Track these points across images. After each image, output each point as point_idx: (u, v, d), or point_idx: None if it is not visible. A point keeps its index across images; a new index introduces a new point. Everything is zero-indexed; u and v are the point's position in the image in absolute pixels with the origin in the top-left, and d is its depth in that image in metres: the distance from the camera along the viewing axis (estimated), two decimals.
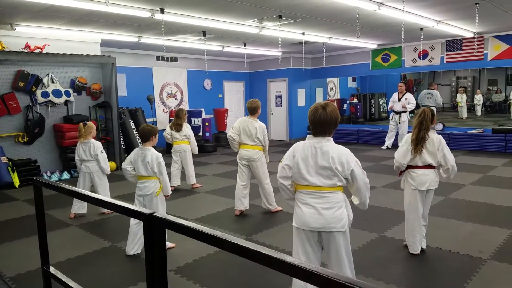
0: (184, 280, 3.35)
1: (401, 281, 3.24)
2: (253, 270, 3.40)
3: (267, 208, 5.26)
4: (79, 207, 5.25)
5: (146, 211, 1.39)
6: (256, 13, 6.63)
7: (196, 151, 6.80)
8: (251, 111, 5.13)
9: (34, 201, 2.16)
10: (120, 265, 3.74)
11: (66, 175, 7.96)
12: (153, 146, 4.09)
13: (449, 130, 10.37)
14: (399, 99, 10.25)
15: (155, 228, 1.35)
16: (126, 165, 3.97)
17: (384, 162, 8.67)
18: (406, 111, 10.16)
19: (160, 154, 3.93)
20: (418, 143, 3.55)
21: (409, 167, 3.67)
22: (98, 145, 5.14)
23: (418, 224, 3.69)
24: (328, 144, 2.49)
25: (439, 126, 10.69)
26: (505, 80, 16.19)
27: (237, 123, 5.18)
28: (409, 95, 10.23)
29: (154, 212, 1.37)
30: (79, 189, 1.89)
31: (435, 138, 3.59)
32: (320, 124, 2.48)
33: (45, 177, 7.75)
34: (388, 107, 10.76)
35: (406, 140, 3.66)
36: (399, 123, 10.22)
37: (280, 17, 6.92)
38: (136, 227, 3.88)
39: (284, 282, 3.15)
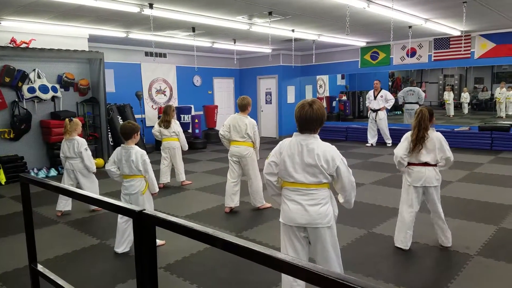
0: (174, 277, 3.34)
1: (390, 277, 3.27)
2: (244, 266, 3.40)
3: (254, 205, 5.27)
4: (64, 204, 5.19)
5: (136, 208, 1.38)
6: (246, 9, 6.61)
7: (186, 147, 6.77)
8: (241, 107, 5.14)
9: (21, 198, 2.13)
10: (109, 262, 3.71)
11: (53, 172, 7.86)
12: (142, 143, 4.05)
13: (437, 128, 10.43)
14: (375, 97, 10.23)
15: (144, 225, 1.34)
16: (109, 166, 3.89)
17: (373, 159, 8.74)
18: (383, 109, 10.12)
19: (144, 152, 3.90)
20: (418, 142, 3.62)
21: (408, 164, 3.75)
22: (82, 142, 5.05)
23: (411, 220, 3.76)
24: (314, 141, 2.51)
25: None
26: (491, 78, 16.46)
27: (228, 120, 5.21)
28: (384, 92, 10.23)
29: (144, 209, 1.36)
30: (66, 186, 1.86)
31: (435, 137, 3.66)
32: (306, 121, 2.50)
33: (32, 173, 7.64)
34: (366, 105, 10.75)
35: (406, 137, 3.74)
36: (376, 121, 10.18)
37: (270, 13, 6.91)
38: (124, 225, 3.85)
39: (275, 278, 3.17)
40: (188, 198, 6.00)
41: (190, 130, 11.57)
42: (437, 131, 3.77)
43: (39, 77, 7.81)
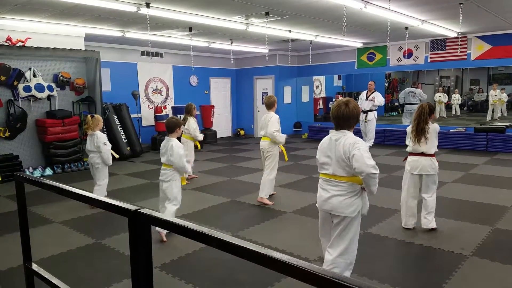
0: (170, 277, 3.33)
1: (385, 277, 3.28)
2: (240, 266, 3.40)
3: (259, 195, 5.52)
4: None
5: (131, 207, 1.38)
6: (243, 9, 6.61)
7: (198, 137, 6.91)
8: (268, 106, 5.59)
9: (16, 197, 2.11)
10: (104, 262, 3.70)
11: (49, 171, 7.82)
12: (138, 143, 4.08)
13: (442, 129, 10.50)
14: (367, 98, 10.07)
15: (140, 224, 1.33)
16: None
17: None
18: (373, 110, 9.95)
19: (181, 145, 4.23)
20: (419, 133, 4.02)
21: (409, 154, 4.24)
22: (101, 137, 5.34)
23: (409, 203, 4.24)
24: (343, 136, 2.75)
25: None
26: (487, 80, 16.53)
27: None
28: (376, 94, 10.06)
29: (139, 209, 1.36)
30: (61, 185, 1.85)
31: (431, 128, 4.07)
32: (343, 118, 2.76)
33: (27, 173, 7.61)
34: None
35: (408, 130, 4.25)
36: (366, 121, 10.02)
37: (267, 14, 6.91)
38: (162, 209, 4.20)
39: (271, 278, 3.17)
40: (184, 198, 5.98)
41: None
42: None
43: (35, 76, 7.78)
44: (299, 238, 4.20)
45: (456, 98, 15.74)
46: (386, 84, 16.80)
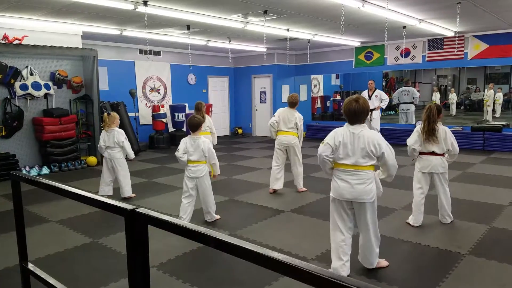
0: (167, 276, 3.32)
1: (382, 276, 3.29)
2: (238, 266, 3.40)
3: (296, 187, 6.03)
4: (107, 190, 5.72)
5: (128, 206, 1.37)
6: (241, 7, 6.59)
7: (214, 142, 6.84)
8: (291, 104, 5.89)
9: (12, 196, 2.10)
10: (101, 261, 3.69)
11: (45, 170, 7.79)
12: (136, 142, 4.10)
13: None
14: (370, 97, 10.16)
15: (137, 223, 1.33)
16: (180, 154, 4.46)
17: None
18: (377, 109, 10.04)
19: (210, 141, 4.56)
20: (430, 133, 4.19)
21: (419, 153, 4.34)
22: (122, 133, 5.60)
23: (420, 200, 4.36)
24: (363, 130, 3.04)
25: (419, 123, 10.87)
26: (484, 79, 16.55)
27: (277, 113, 5.96)
28: (379, 92, 10.11)
29: (135, 208, 1.35)
30: (58, 184, 1.84)
31: (441, 130, 4.23)
32: (354, 114, 3.03)
33: (24, 171, 7.58)
34: None
35: (416, 129, 4.33)
36: (370, 120, 10.12)
37: (265, 12, 6.90)
38: (186, 205, 4.51)
39: (269, 277, 3.17)
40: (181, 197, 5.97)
41: (184, 129, 11.53)
42: None
43: (31, 74, 7.74)
44: (297, 237, 4.20)
45: (452, 97, 15.74)
46: (384, 83, 16.81)
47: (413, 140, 4.30)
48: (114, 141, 5.53)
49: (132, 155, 5.73)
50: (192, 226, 1.19)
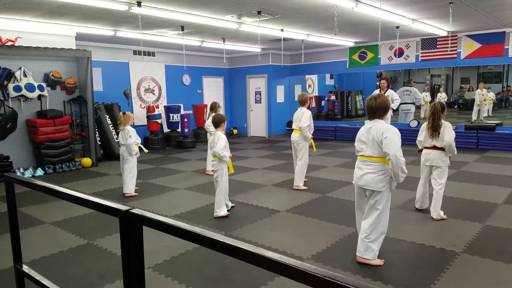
0: (162, 277, 3.32)
1: (378, 274, 3.30)
2: (233, 266, 3.40)
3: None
4: (130, 188, 5.97)
5: (122, 207, 1.37)
6: (235, 8, 6.60)
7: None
8: (301, 102, 6.25)
9: (6, 198, 2.09)
10: (96, 263, 3.67)
11: (40, 172, 7.74)
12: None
13: None
14: None
15: (131, 224, 1.33)
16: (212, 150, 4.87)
17: None
18: (389, 109, 9.98)
19: (224, 138, 4.79)
20: (434, 129, 4.50)
21: (424, 147, 4.70)
22: (130, 131, 5.90)
23: (423, 190, 4.85)
24: (376, 123, 3.36)
25: (414, 123, 10.96)
26: (477, 78, 16.66)
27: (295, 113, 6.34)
28: (391, 92, 10.03)
29: (130, 209, 1.35)
30: (52, 185, 1.83)
31: (442, 125, 4.51)
32: (372, 110, 3.38)
33: (18, 173, 7.53)
34: None
35: (422, 127, 4.71)
36: None
37: (259, 13, 6.91)
38: (219, 194, 4.83)
39: (264, 277, 3.17)
40: (176, 198, 5.97)
41: (179, 129, 11.51)
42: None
43: (25, 75, 7.69)
44: (292, 237, 4.21)
45: (442, 97, 15.67)
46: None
47: (421, 135, 4.72)
48: (126, 138, 5.86)
49: (132, 152, 5.90)
50: (187, 227, 1.19)
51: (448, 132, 4.44)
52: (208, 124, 7.02)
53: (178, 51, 11.59)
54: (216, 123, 4.88)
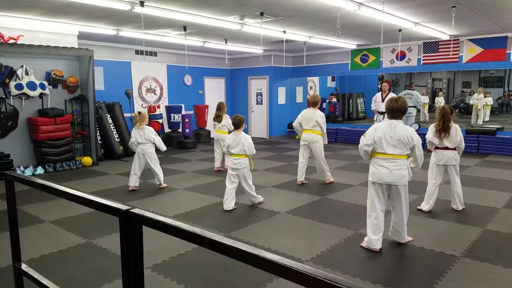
0: (161, 277, 3.31)
1: (377, 277, 3.30)
2: (232, 267, 3.39)
3: (323, 180, 6.64)
4: (136, 181, 6.29)
5: (122, 207, 1.36)
6: (237, 9, 6.60)
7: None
8: (313, 103, 6.45)
9: (6, 196, 2.09)
10: (95, 262, 3.67)
11: (40, 170, 7.75)
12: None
13: (424, 131, 10.58)
14: (383, 99, 10.13)
15: (131, 224, 1.32)
16: (226, 149, 5.28)
17: (362, 161, 8.79)
18: None
19: (250, 137, 5.18)
20: (444, 131, 4.76)
21: (435, 147, 4.92)
22: (152, 130, 6.23)
23: (433, 190, 4.96)
24: (399, 124, 3.70)
25: (415, 126, 10.93)
26: (478, 82, 16.65)
27: (301, 114, 6.61)
28: (392, 95, 10.04)
29: (130, 209, 1.35)
30: (52, 184, 1.83)
31: (453, 127, 4.80)
32: (394, 111, 3.71)
33: (18, 171, 7.53)
34: (372, 108, 10.61)
35: (431, 127, 4.91)
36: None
37: (261, 14, 6.91)
38: (231, 190, 5.16)
39: (263, 278, 3.16)
40: (177, 198, 5.97)
41: (180, 130, 11.51)
42: (425, 133, 4.29)
43: (27, 73, 7.70)
44: (292, 239, 4.21)
45: (439, 100, 15.56)
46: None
47: (431, 135, 4.88)
48: (146, 137, 6.12)
49: (163, 148, 6.36)
50: (187, 227, 1.19)
51: (461, 137, 4.83)
52: (224, 124, 7.66)
53: (180, 51, 11.61)
54: (238, 124, 5.20)
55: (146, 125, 6.26)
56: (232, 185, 5.19)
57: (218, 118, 7.69)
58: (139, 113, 6.31)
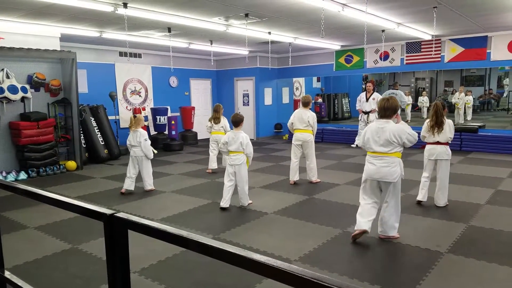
0: (149, 281, 3.28)
1: (364, 275, 3.33)
2: (221, 269, 3.38)
3: (309, 179, 6.72)
4: (129, 184, 6.27)
5: (107, 211, 1.35)
6: (222, 10, 6.59)
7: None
8: (304, 104, 6.57)
9: None
10: (81, 267, 3.61)
11: (23, 175, 7.60)
12: (116, 145, 4.01)
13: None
14: (367, 99, 10.26)
15: (116, 228, 1.31)
16: (223, 146, 5.35)
17: (348, 160, 8.88)
18: (374, 112, 10.11)
19: (247, 136, 5.35)
20: (437, 126, 4.94)
21: (426, 143, 5.12)
22: (143, 134, 6.22)
23: (424, 182, 5.23)
24: (388, 125, 3.85)
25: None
26: (460, 81, 16.98)
27: (293, 114, 6.70)
28: (377, 95, 10.20)
29: (115, 213, 1.33)
30: (35, 189, 1.80)
31: (446, 122, 4.95)
32: (384, 110, 3.88)
33: (0, 177, 7.38)
34: (356, 108, 10.70)
35: (424, 124, 5.09)
36: (368, 122, 10.19)
37: (246, 15, 6.92)
38: (229, 188, 5.29)
39: (253, 280, 3.16)
40: (163, 201, 5.93)
41: (166, 132, 11.43)
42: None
43: (8, 77, 7.54)
44: (280, 239, 4.21)
45: (424, 100, 15.75)
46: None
47: (424, 130, 5.08)
48: (138, 140, 6.17)
49: (149, 155, 6.25)
50: (173, 230, 1.18)
51: (450, 130, 4.97)
52: (209, 125, 7.78)
53: (165, 53, 11.53)
54: (238, 122, 5.38)
55: (143, 128, 6.35)
56: (230, 182, 5.31)
57: (216, 119, 7.72)
58: (135, 116, 6.41)
